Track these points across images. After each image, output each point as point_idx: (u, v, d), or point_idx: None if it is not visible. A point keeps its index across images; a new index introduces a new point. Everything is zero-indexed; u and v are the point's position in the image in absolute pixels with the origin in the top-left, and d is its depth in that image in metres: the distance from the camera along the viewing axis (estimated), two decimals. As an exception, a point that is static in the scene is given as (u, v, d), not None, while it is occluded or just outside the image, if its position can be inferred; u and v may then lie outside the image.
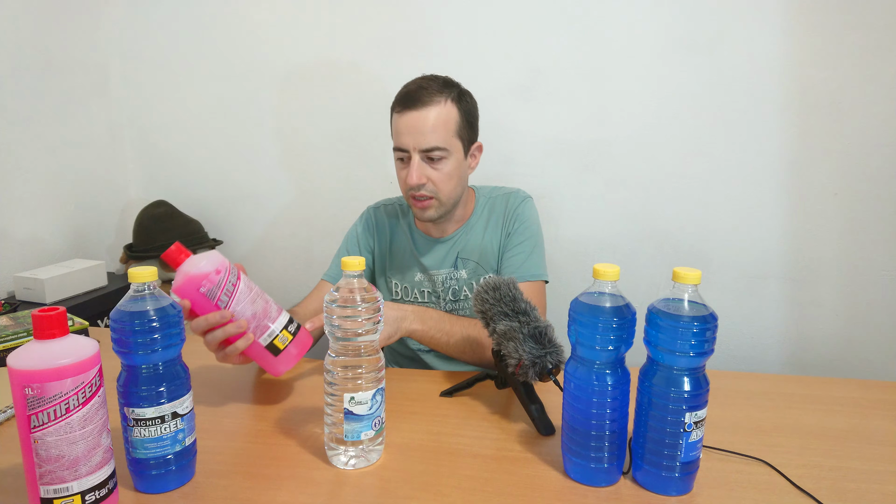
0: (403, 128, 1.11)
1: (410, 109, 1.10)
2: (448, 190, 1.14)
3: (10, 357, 0.59)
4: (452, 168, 1.13)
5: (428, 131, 1.09)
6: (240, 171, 1.93)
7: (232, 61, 1.85)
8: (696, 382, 0.68)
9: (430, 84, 1.12)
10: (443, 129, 1.10)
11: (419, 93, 1.10)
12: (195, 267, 0.81)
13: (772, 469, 0.75)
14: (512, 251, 1.21)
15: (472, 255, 1.24)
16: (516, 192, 1.28)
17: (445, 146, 1.11)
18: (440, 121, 1.10)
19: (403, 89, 1.14)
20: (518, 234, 1.22)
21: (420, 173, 1.11)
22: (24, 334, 1.13)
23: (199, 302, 0.82)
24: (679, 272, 0.67)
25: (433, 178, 1.12)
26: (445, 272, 1.24)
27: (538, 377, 0.81)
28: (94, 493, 0.62)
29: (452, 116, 1.11)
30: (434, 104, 1.09)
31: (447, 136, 1.11)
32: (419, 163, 1.11)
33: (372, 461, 0.76)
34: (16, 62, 1.56)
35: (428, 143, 1.09)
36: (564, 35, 1.66)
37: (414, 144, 1.10)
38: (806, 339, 1.70)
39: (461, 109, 1.13)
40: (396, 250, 1.29)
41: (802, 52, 1.55)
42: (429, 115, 1.09)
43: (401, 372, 1.09)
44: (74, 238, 1.78)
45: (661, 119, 1.65)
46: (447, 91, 1.12)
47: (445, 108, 1.10)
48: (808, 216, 1.63)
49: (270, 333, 0.86)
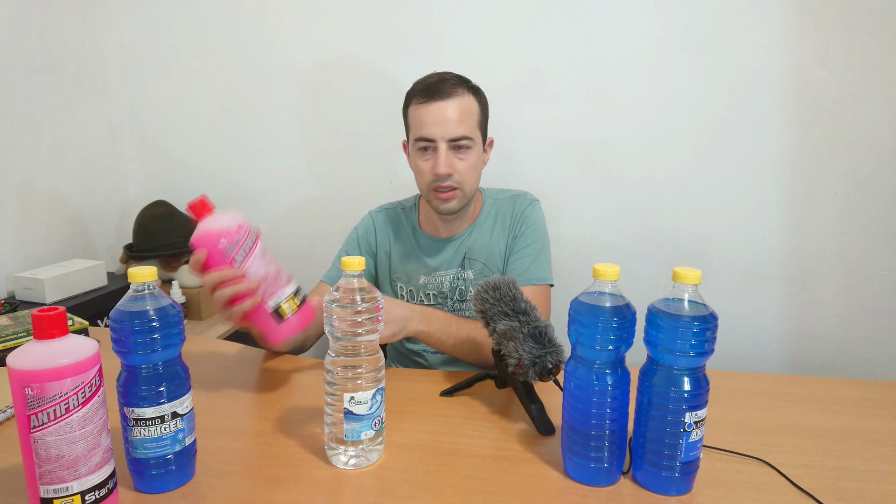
0: (430, 118, 1.11)
1: (435, 100, 1.10)
2: (472, 181, 1.16)
3: (9, 357, 0.59)
4: (476, 159, 1.15)
5: (456, 120, 1.10)
6: (240, 171, 1.93)
7: (232, 61, 1.85)
8: (696, 382, 0.68)
9: (449, 78, 1.14)
10: (469, 119, 1.12)
11: (442, 84, 1.11)
12: (217, 221, 0.83)
13: (772, 469, 0.75)
14: (518, 254, 1.21)
15: (479, 255, 1.24)
16: (523, 195, 1.28)
17: (472, 136, 1.12)
18: (466, 111, 1.12)
19: (422, 83, 1.14)
20: (525, 236, 1.22)
21: (447, 163, 1.11)
22: (24, 334, 1.13)
23: (214, 255, 0.82)
24: (679, 272, 0.67)
25: (459, 168, 1.13)
26: (453, 272, 1.24)
27: (538, 377, 0.81)
28: (94, 492, 0.62)
29: (474, 108, 1.14)
30: (458, 95, 1.11)
31: (472, 126, 1.13)
32: (447, 152, 1.11)
33: (372, 461, 0.76)
34: (16, 62, 1.56)
35: (457, 132, 1.11)
36: (565, 35, 1.66)
37: (442, 134, 1.10)
38: (806, 338, 1.70)
39: (480, 102, 1.16)
40: (400, 254, 1.29)
41: (802, 52, 1.55)
42: (455, 106, 1.10)
43: (401, 372, 1.09)
44: (74, 238, 1.78)
45: (661, 119, 1.65)
46: (465, 84, 1.14)
47: (468, 100, 1.13)
48: (808, 216, 1.63)
49: (278, 298, 0.86)
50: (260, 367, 1.07)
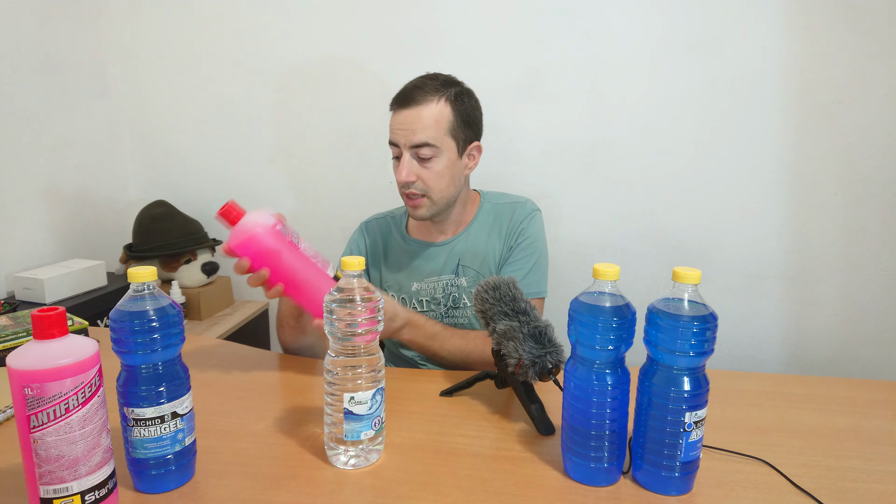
0: (395, 125, 1.13)
1: (403, 108, 1.12)
2: (439, 188, 1.15)
3: (9, 357, 0.59)
4: (444, 167, 1.14)
5: (418, 129, 1.10)
6: (240, 171, 1.93)
7: (232, 61, 1.85)
8: (696, 382, 0.68)
9: (428, 83, 1.13)
10: (433, 126, 1.11)
11: (413, 92, 1.12)
12: (260, 215, 0.91)
13: (771, 468, 0.75)
14: (513, 265, 1.21)
15: (473, 262, 1.23)
16: (524, 204, 1.26)
17: (435, 143, 1.11)
18: (431, 119, 1.11)
19: (401, 89, 1.15)
20: (520, 248, 1.22)
21: (409, 170, 1.12)
22: (24, 334, 1.13)
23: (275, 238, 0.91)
24: (679, 272, 0.67)
25: (423, 175, 1.13)
26: (446, 279, 1.24)
27: (538, 377, 0.81)
28: (93, 492, 0.62)
29: (445, 115, 1.12)
30: (427, 102, 1.11)
31: (438, 133, 1.11)
32: (409, 160, 1.12)
33: (372, 461, 0.76)
34: (16, 62, 1.56)
35: (417, 139, 1.11)
36: (564, 35, 1.66)
37: (404, 141, 1.12)
38: (805, 338, 1.70)
39: (456, 108, 1.13)
40: (392, 264, 1.29)
41: (802, 52, 1.55)
42: (420, 114, 1.10)
43: (401, 372, 1.09)
44: (74, 238, 1.78)
45: (661, 119, 1.65)
46: (444, 90, 1.13)
47: (437, 107, 1.11)
48: (808, 216, 1.63)
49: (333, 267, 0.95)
50: (260, 368, 1.07)
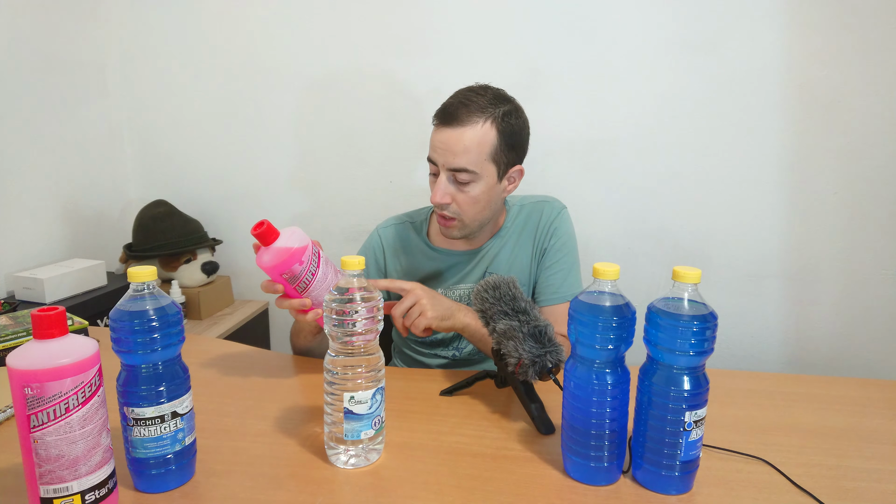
0: (436, 142, 1.06)
1: (445, 126, 1.05)
2: (472, 213, 1.09)
3: (9, 357, 0.59)
4: (480, 192, 1.07)
5: (459, 152, 1.03)
6: (240, 171, 1.93)
7: (232, 61, 1.85)
8: (696, 381, 0.68)
9: (474, 100, 1.05)
10: (475, 151, 1.04)
11: (458, 109, 1.04)
12: (290, 242, 0.88)
13: (771, 468, 0.75)
14: (550, 269, 1.18)
15: (500, 269, 1.19)
16: (551, 203, 1.23)
17: (474, 169, 1.04)
18: (473, 143, 1.03)
19: (447, 101, 1.08)
20: (555, 250, 1.18)
21: (444, 192, 1.06)
22: (24, 334, 1.13)
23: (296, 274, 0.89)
24: (679, 271, 0.67)
25: (458, 199, 1.07)
26: (470, 287, 1.20)
27: (538, 376, 0.81)
28: (93, 492, 0.62)
29: (489, 139, 1.04)
30: (470, 124, 1.03)
31: (479, 159, 1.04)
32: (445, 182, 1.06)
33: (372, 461, 0.76)
34: (16, 62, 1.56)
35: (457, 163, 1.04)
36: (565, 35, 1.66)
37: (443, 162, 1.05)
38: (805, 337, 1.70)
39: (501, 131, 1.05)
40: (411, 271, 1.23)
41: (802, 51, 1.55)
42: (463, 136, 1.03)
43: (401, 371, 1.09)
44: (74, 238, 1.78)
45: (661, 119, 1.65)
46: (491, 109, 1.05)
47: (482, 130, 1.04)
48: (808, 216, 1.63)
49: None
50: (260, 368, 1.07)
